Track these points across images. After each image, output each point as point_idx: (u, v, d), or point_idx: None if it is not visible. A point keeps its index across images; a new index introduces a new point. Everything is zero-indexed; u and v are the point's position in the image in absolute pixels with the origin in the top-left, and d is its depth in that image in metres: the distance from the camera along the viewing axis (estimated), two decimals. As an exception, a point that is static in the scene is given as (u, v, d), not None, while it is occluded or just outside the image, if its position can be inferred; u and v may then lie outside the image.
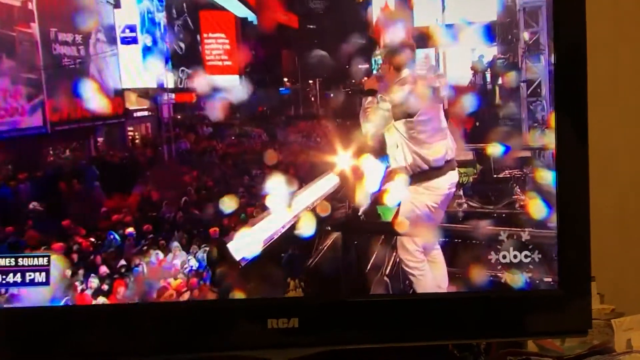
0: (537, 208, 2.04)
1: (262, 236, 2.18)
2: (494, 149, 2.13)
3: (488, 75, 2.28)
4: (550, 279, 2.02)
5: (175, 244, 2.18)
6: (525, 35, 2.23)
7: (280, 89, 2.37)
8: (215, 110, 2.32)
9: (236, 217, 2.21)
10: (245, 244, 2.14)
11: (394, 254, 2.24)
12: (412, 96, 2.21)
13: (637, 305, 2.35)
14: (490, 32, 2.18)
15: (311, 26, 2.36)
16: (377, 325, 1.97)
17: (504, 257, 2.06)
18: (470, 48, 2.27)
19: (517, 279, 2.05)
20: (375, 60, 2.31)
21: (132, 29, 2.37)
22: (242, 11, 2.38)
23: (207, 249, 2.14)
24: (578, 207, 1.99)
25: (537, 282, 2.03)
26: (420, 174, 2.27)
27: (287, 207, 2.14)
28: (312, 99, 2.36)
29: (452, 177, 2.26)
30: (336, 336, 1.94)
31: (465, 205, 2.22)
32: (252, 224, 2.16)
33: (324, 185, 2.21)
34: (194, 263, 2.15)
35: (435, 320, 1.99)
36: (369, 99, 2.26)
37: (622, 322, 2.24)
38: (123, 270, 2.15)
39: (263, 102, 2.37)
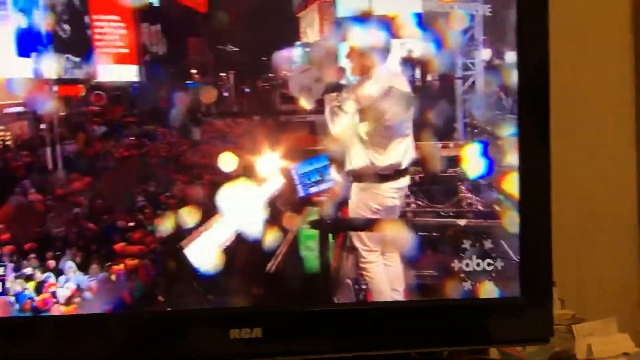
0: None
1: (216, 243, 1.90)
2: (436, 147, 2.00)
3: (418, 71, 2.08)
4: (512, 288, 1.95)
5: (69, 264, 1.79)
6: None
7: (187, 82, 2.04)
8: (109, 106, 1.96)
9: (143, 230, 1.86)
10: (200, 251, 1.87)
11: (350, 254, 2.04)
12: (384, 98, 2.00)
13: (597, 310, 2.33)
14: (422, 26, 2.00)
15: (222, 11, 2.06)
16: (342, 335, 1.89)
17: (467, 265, 1.98)
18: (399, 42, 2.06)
19: (480, 287, 1.97)
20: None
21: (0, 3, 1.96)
22: (140, -9, 2.03)
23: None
24: (540, 216, 1.94)
25: (500, 290, 1.97)
26: (369, 176, 2.05)
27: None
28: (226, 94, 2.05)
29: (400, 183, 2.06)
30: (300, 346, 1.88)
31: (413, 205, 2.05)
32: (201, 231, 1.84)
33: (270, 187, 1.93)
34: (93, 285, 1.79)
35: (398, 328, 1.92)
36: (334, 94, 2.01)
37: (583, 327, 2.21)
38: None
39: (166, 96, 2.04)
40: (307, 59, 2.03)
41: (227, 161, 1.91)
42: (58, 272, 1.83)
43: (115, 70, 1.99)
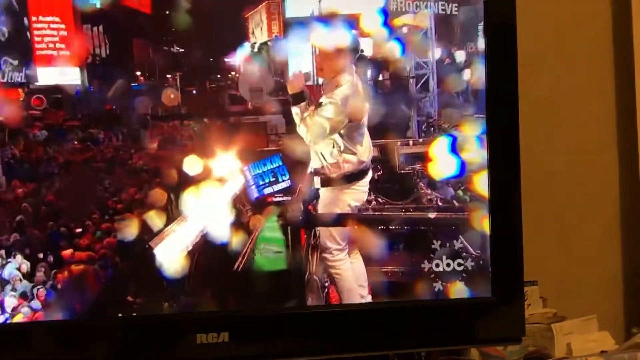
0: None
1: (181, 246, 1.84)
2: (393, 145, 2.00)
3: (369, 71, 2.07)
4: (484, 287, 1.94)
5: (15, 273, 1.70)
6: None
7: (133, 84, 1.97)
8: (50, 110, 1.89)
9: (91, 235, 1.78)
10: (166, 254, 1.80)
11: (317, 252, 1.99)
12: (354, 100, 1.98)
13: (579, 308, 2.31)
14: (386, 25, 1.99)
15: (167, 12, 2.01)
16: (313, 337, 1.86)
17: (437, 265, 1.96)
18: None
19: (451, 288, 1.95)
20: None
21: None
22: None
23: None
24: (511, 216, 1.93)
25: (471, 290, 1.95)
26: (351, 175, 2.02)
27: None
28: (172, 96, 1.99)
29: (369, 176, 2.03)
30: (269, 349, 1.83)
31: (374, 203, 2.02)
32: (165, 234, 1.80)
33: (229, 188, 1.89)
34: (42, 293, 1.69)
35: (373, 330, 1.89)
36: (302, 105, 1.97)
37: (562, 326, 2.20)
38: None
39: (111, 99, 1.97)
40: (259, 59, 2.00)
41: (178, 164, 1.86)
42: (3, 282, 1.74)
43: (56, 73, 1.92)
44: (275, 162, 1.92)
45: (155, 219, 1.83)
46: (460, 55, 2.01)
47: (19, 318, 1.71)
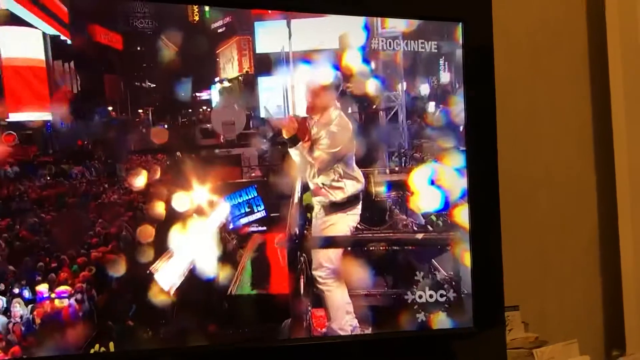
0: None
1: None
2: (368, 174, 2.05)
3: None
4: (466, 317, 1.98)
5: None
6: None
7: (104, 119, 1.98)
8: (20, 146, 1.87)
9: (67, 269, 1.77)
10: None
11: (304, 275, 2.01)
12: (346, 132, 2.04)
13: (560, 333, 2.34)
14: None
15: (139, 48, 2.03)
16: None
17: (420, 297, 2.00)
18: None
19: (434, 318, 1.99)
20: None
21: None
22: (51, 29, 1.96)
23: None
24: (491, 246, 1.98)
25: (454, 320, 1.99)
26: (351, 200, 2.06)
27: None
28: (144, 130, 2.00)
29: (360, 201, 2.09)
30: None
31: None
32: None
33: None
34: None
35: None
36: (300, 145, 2.01)
37: (544, 351, 2.21)
38: None
39: (83, 134, 1.97)
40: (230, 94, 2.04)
41: (152, 197, 1.86)
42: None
43: (27, 109, 1.91)
44: (251, 194, 1.94)
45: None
46: (425, 89, 2.09)
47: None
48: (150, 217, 1.87)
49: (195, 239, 1.88)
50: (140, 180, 1.90)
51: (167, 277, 1.83)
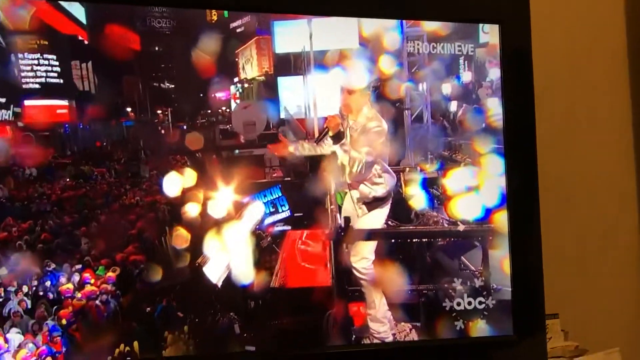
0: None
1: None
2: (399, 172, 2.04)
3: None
4: (505, 325, 1.95)
5: (16, 308, 1.63)
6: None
7: (123, 120, 1.94)
8: (39, 147, 1.84)
9: (90, 269, 1.72)
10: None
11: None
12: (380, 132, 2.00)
13: (601, 341, 2.28)
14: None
15: (157, 48, 2.00)
16: None
17: (459, 304, 1.96)
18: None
19: (472, 326, 1.95)
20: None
21: None
22: (70, 27, 1.93)
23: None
24: (531, 253, 1.95)
25: (493, 328, 1.95)
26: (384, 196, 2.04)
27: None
28: (163, 131, 1.97)
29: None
30: None
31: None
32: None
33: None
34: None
35: None
36: (343, 142, 1.99)
37: None
38: None
39: (101, 136, 1.94)
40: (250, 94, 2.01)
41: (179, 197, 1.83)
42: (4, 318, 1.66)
43: (44, 110, 1.87)
44: (275, 193, 1.91)
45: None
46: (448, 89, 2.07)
47: (22, 354, 1.63)
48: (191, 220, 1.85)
49: (231, 238, 1.84)
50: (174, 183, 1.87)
51: (214, 271, 1.80)
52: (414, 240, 1.99)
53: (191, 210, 1.81)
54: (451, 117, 2.08)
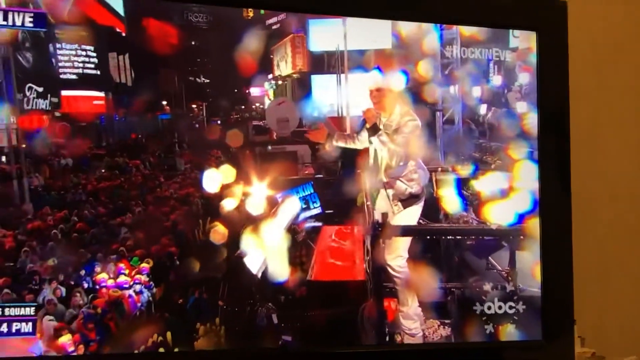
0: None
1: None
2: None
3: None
4: (534, 330, 1.95)
5: (50, 296, 1.64)
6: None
7: (159, 114, 1.96)
8: (75, 137, 1.85)
9: (125, 260, 1.74)
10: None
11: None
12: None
13: (618, 348, 2.29)
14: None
15: (193, 42, 2.02)
16: None
17: (489, 308, 1.97)
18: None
19: (502, 330, 1.96)
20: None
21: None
22: (108, 19, 1.94)
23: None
24: (561, 260, 1.95)
25: (522, 332, 1.96)
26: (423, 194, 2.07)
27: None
28: (197, 125, 1.98)
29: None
30: None
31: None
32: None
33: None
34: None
35: None
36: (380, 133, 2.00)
37: None
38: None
39: (137, 128, 1.95)
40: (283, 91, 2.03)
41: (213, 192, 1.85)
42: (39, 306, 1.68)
43: (81, 101, 1.89)
44: (308, 190, 1.92)
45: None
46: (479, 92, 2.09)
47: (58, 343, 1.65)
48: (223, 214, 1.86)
49: (267, 232, 1.86)
50: (196, 175, 1.89)
51: (254, 262, 1.81)
52: (448, 237, 2.01)
53: (227, 205, 1.83)
54: (480, 120, 2.09)
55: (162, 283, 1.78)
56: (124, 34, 1.94)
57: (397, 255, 2.00)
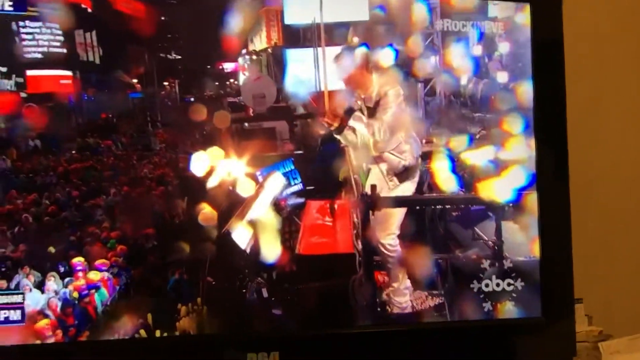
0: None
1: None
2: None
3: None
4: (533, 307, 1.91)
5: (24, 281, 1.56)
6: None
7: (130, 92, 1.88)
8: (43, 118, 1.77)
9: (101, 244, 1.67)
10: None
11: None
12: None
13: (625, 326, 2.22)
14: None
15: (163, 17, 1.94)
16: (362, 357, 1.82)
17: (487, 285, 1.92)
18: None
19: (500, 308, 1.92)
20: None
21: None
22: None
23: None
24: (560, 236, 1.90)
25: (521, 310, 1.92)
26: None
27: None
28: (169, 104, 1.91)
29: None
30: None
31: None
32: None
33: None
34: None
35: (420, 349, 1.83)
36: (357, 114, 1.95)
37: (609, 345, 2.12)
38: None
39: (107, 107, 1.88)
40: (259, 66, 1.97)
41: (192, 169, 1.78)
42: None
43: (48, 81, 1.81)
44: (288, 167, 1.86)
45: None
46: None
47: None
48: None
49: (253, 208, 1.80)
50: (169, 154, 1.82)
51: (241, 238, 1.75)
52: (437, 207, 1.97)
53: (207, 183, 1.76)
54: (462, 91, 2.05)
55: (140, 265, 1.71)
56: (90, 10, 1.86)
57: (390, 232, 1.94)
